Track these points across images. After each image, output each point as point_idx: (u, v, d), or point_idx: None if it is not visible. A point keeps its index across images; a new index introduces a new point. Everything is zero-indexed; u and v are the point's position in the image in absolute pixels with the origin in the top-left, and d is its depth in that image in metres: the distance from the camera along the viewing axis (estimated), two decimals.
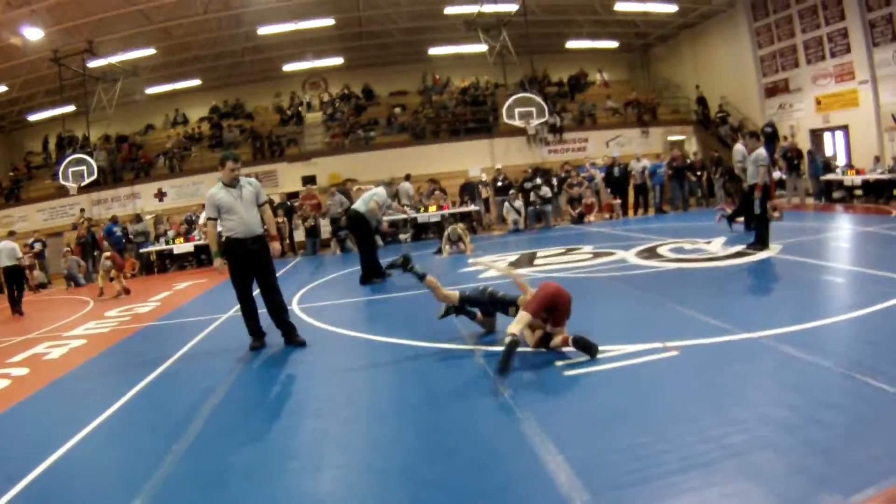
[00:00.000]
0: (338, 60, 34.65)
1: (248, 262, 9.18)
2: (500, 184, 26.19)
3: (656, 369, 6.66)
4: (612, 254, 15.34)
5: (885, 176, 22.70)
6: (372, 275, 14.55)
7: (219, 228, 9.39)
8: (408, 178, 26.90)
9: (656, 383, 6.30)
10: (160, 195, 31.25)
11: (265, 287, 9.37)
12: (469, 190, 26.65)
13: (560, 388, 6.39)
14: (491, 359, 7.39)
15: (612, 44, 37.77)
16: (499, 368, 6.80)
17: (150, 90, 33.78)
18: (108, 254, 19.06)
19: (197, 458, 5.45)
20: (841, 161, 26.50)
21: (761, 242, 14.06)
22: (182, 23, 26.26)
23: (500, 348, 7.09)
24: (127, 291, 17.94)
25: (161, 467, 5.26)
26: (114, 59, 28.00)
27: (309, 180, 29.88)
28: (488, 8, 27.85)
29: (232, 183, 9.12)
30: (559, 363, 6.98)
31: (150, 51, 28.24)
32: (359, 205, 15.01)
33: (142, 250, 24.80)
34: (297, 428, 5.99)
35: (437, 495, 4.52)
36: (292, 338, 9.25)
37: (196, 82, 34.24)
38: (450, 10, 29.18)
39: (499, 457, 4.99)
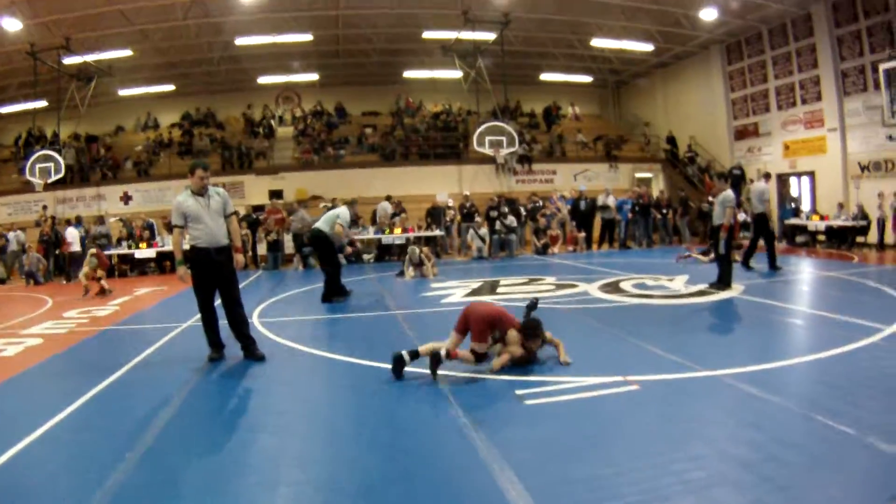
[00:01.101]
0: (313, 77, 34.73)
1: (212, 273, 9.13)
2: (465, 210, 26.22)
3: (617, 402, 6.71)
4: (574, 286, 15.43)
5: (849, 223, 23.27)
6: (334, 293, 14.48)
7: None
8: (388, 198, 26.94)
9: (617, 416, 6.34)
10: (126, 198, 30.91)
11: (227, 299, 9.30)
12: (435, 215, 26.67)
13: (521, 416, 6.39)
14: (453, 385, 7.42)
15: (586, 78, 38.19)
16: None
17: (124, 92, 33.44)
18: (94, 251, 18.84)
19: (150, 469, 5.35)
20: (806, 206, 26.91)
21: (724, 282, 14.25)
22: (161, 27, 26.10)
23: (460, 373, 7.21)
24: (107, 291, 17.84)
25: (113, 476, 5.16)
26: (90, 58, 27.72)
27: (276, 194, 29.76)
28: (466, 35, 27.94)
29: (200, 191, 9.07)
30: (520, 392, 6.99)
31: (127, 52, 27.98)
32: (322, 224, 14.94)
33: (104, 253, 24.44)
34: (254, 442, 5.92)
35: None
36: (252, 352, 9.16)
37: (170, 87, 34.10)
38: (427, 35, 29.32)
39: (457, 482, 4.98)
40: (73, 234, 24.02)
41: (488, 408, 6.68)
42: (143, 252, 24.18)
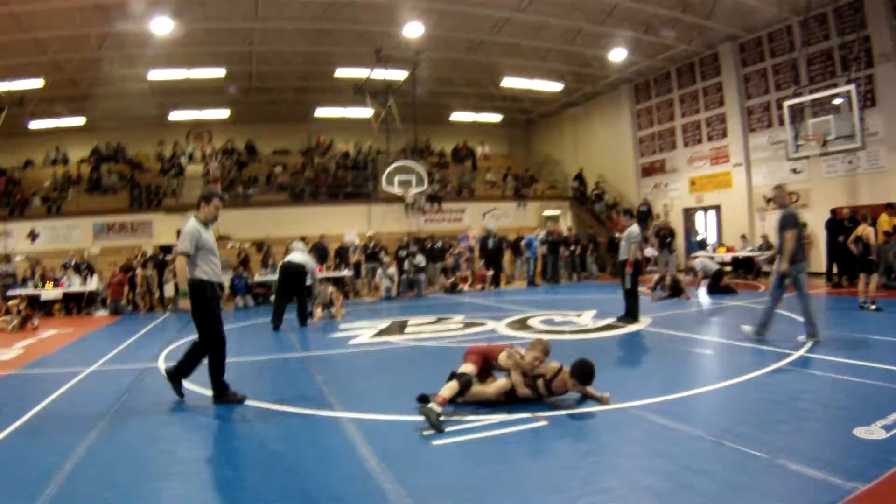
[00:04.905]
0: (224, 113, 34.34)
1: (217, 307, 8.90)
2: (369, 250, 26.17)
3: (525, 439, 6.74)
4: (482, 324, 15.56)
5: (754, 253, 24.14)
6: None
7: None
8: (303, 239, 26.70)
9: (525, 453, 6.37)
10: (32, 236, 29.82)
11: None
12: (341, 254, 26.61)
13: (428, 457, 6.35)
14: (361, 427, 7.33)
15: (496, 117, 38.72)
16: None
17: (34, 124, 32.53)
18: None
19: None
20: (712, 239, 27.53)
21: (631, 315, 14.46)
22: (74, 57, 25.52)
23: (369, 415, 7.14)
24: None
25: None
26: (0, 87, 26.94)
27: None
28: (378, 74, 27.98)
29: (207, 224, 8.87)
30: (427, 432, 6.93)
31: (39, 82, 27.18)
32: (298, 258, 16.92)
33: (9, 293, 23.47)
34: (160, 492, 5.73)
35: None
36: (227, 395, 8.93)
37: (80, 121, 33.20)
38: (340, 73, 29.37)
39: None
40: None
41: (396, 450, 6.59)
42: (50, 293, 23.33)
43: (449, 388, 7.55)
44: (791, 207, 12.18)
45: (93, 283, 23.35)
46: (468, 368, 7.94)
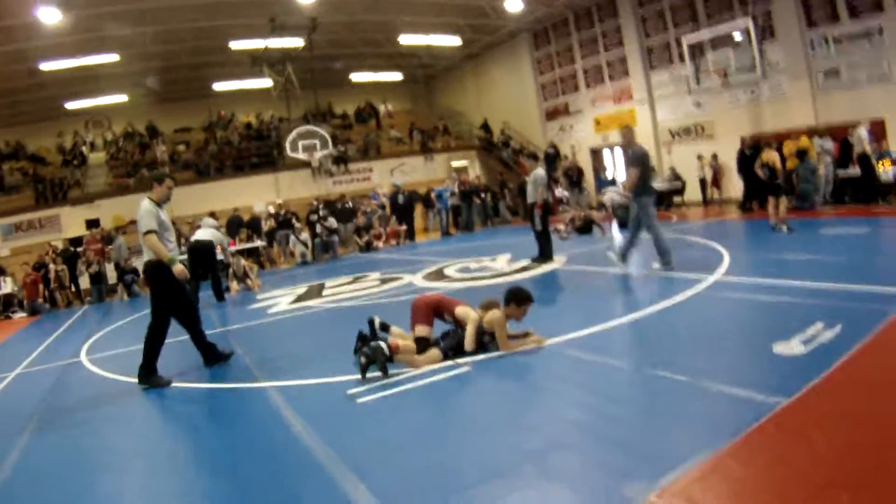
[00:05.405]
0: (122, 98, 33.33)
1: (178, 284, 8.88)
2: (281, 218, 25.95)
3: (449, 386, 6.83)
4: (399, 278, 15.66)
5: (664, 185, 24.59)
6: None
7: None
8: (212, 214, 26.28)
9: (450, 400, 6.50)
10: None
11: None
12: (253, 226, 26.34)
13: (354, 416, 6.37)
14: (284, 394, 7.35)
15: (397, 76, 38.41)
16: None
17: None
18: None
19: None
20: (621, 176, 27.75)
21: (545, 255, 14.65)
22: None
23: (292, 382, 7.30)
24: None
25: None
26: None
27: (93, 224, 28.47)
28: (274, 43, 27.63)
29: (160, 204, 8.82)
30: (351, 391, 6.96)
31: None
32: (205, 234, 16.84)
33: None
34: (95, 485, 5.65)
35: None
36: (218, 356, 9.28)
37: None
38: (235, 45, 28.75)
39: (298, 493, 4.90)
40: None
41: (322, 413, 6.64)
42: None
43: (406, 345, 7.60)
44: (638, 146, 12.74)
45: (7, 286, 22.82)
46: (424, 332, 7.98)
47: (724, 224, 18.62)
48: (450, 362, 7.44)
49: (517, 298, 7.92)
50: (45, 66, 26.30)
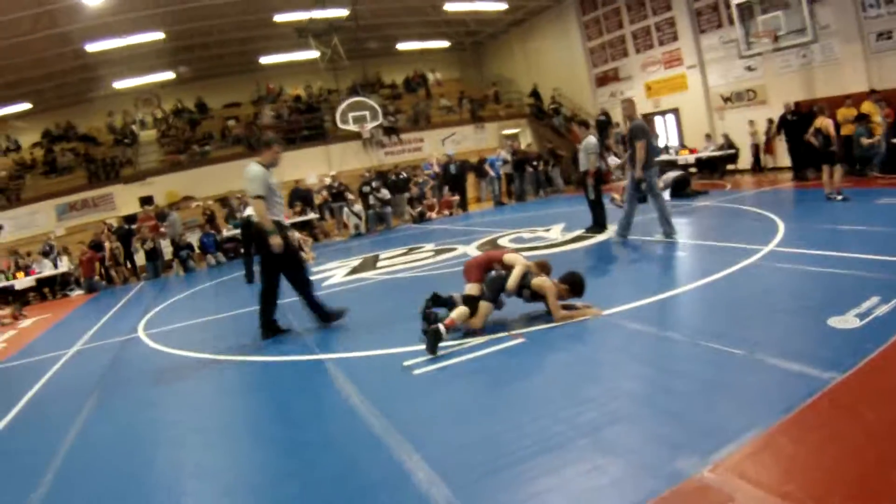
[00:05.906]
0: (169, 75, 33.42)
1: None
2: (335, 190, 26.01)
3: (504, 358, 6.85)
4: (453, 249, 15.72)
5: (718, 153, 24.29)
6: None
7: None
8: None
9: (505, 372, 6.46)
10: None
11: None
12: (305, 198, 26.40)
13: (411, 387, 6.46)
14: (340, 365, 7.40)
15: (444, 43, 38.07)
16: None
17: None
18: None
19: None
20: (673, 142, 27.49)
21: (599, 225, 14.59)
22: (12, 42, 24.75)
23: (348, 354, 7.29)
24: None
25: None
26: None
27: (146, 201, 28.84)
28: (318, 14, 27.59)
29: (268, 168, 9.06)
30: (408, 363, 7.05)
31: None
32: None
33: None
34: (154, 459, 5.78)
35: None
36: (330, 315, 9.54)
37: (26, 106, 32.32)
38: (279, 18, 28.72)
39: (356, 464, 4.98)
40: None
41: (378, 384, 6.74)
42: (23, 281, 23.00)
43: (459, 313, 7.64)
44: (639, 119, 12.81)
45: (63, 265, 23.18)
46: (474, 290, 8.12)
47: (778, 192, 18.23)
48: (504, 333, 7.47)
49: (573, 285, 7.98)
50: (91, 47, 26.47)
